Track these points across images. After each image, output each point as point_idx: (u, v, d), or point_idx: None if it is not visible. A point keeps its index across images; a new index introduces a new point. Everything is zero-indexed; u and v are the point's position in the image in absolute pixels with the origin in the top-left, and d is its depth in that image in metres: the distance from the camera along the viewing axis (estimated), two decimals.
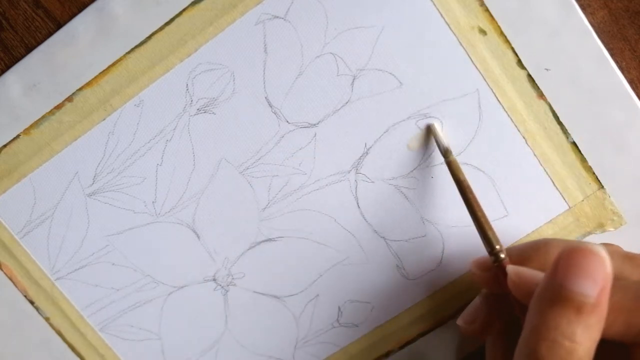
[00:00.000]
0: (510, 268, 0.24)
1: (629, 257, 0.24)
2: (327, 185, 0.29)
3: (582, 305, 0.20)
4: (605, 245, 0.27)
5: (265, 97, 0.29)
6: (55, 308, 0.31)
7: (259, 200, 0.30)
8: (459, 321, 0.27)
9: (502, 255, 0.25)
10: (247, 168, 0.29)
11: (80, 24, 0.28)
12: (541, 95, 0.28)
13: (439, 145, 0.28)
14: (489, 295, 0.27)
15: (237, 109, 0.29)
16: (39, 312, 0.31)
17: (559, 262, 0.21)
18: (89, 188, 0.30)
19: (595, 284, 0.20)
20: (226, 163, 0.29)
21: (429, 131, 0.28)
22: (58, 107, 0.29)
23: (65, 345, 0.32)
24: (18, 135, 0.29)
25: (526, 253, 0.25)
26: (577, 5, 0.27)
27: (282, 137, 0.29)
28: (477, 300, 0.27)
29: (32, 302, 0.31)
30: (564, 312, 0.20)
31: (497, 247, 0.25)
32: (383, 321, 0.31)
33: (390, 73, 0.28)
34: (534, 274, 0.23)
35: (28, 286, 0.31)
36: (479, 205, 0.26)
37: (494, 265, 0.25)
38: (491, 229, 0.26)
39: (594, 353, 0.21)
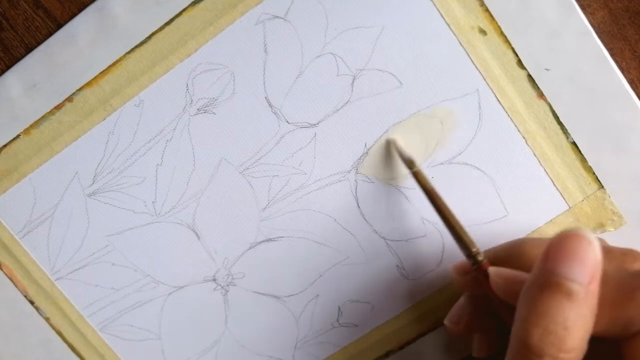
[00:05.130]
0: (492, 270, 0.24)
1: (606, 251, 0.24)
2: (327, 185, 0.29)
3: (573, 292, 0.20)
4: None
5: (265, 97, 0.29)
6: (55, 308, 0.31)
7: (259, 200, 0.30)
8: (446, 321, 0.28)
9: (480, 257, 0.25)
10: (247, 168, 0.29)
11: (80, 24, 0.28)
12: (541, 95, 0.28)
13: (402, 158, 0.28)
14: (473, 295, 0.27)
15: (237, 109, 0.29)
16: (39, 312, 0.31)
17: (549, 249, 0.21)
18: (89, 188, 0.30)
19: (586, 269, 0.20)
20: (226, 163, 0.29)
21: (390, 146, 0.29)
22: (58, 107, 0.29)
23: (65, 345, 0.32)
24: (18, 135, 0.29)
25: (502, 255, 0.25)
26: (577, 5, 0.27)
27: (282, 137, 0.29)
28: (461, 300, 0.27)
29: (32, 302, 0.31)
30: (555, 298, 0.20)
31: (474, 249, 0.25)
32: (383, 321, 0.31)
33: (390, 73, 0.28)
34: (515, 274, 0.23)
35: (28, 286, 0.31)
36: (450, 211, 0.26)
37: (473, 268, 0.25)
38: (465, 233, 0.26)
39: (586, 347, 0.20)
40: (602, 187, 0.28)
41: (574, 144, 0.28)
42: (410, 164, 0.28)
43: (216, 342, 0.31)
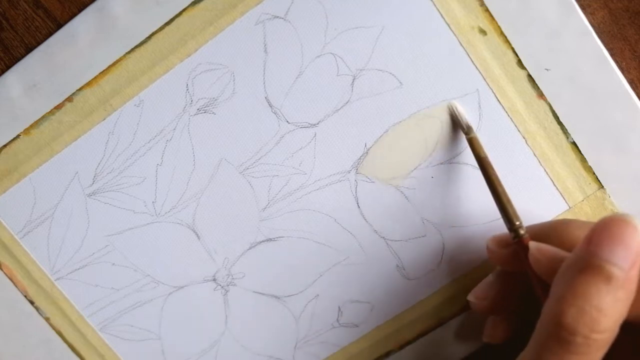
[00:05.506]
0: (533, 244, 0.24)
1: None
2: (327, 185, 0.29)
3: (613, 276, 0.20)
4: None
5: (265, 97, 0.29)
6: (55, 308, 0.31)
7: (259, 200, 0.30)
8: (470, 297, 0.27)
9: (522, 232, 0.25)
10: (247, 168, 0.29)
11: (80, 24, 0.28)
12: (541, 95, 0.28)
13: (460, 123, 0.28)
14: (503, 274, 0.27)
15: (237, 109, 0.29)
16: (39, 312, 0.31)
17: (593, 231, 0.21)
18: (89, 188, 0.30)
19: (629, 255, 0.20)
20: (226, 163, 0.29)
21: (449, 110, 0.28)
22: (58, 107, 0.29)
23: (65, 345, 0.32)
24: (18, 135, 0.29)
25: (545, 232, 0.25)
26: (577, 5, 0.27)
27: (282, 137, 0.29)
28: (490, 278, 0.27)
29: (32, 302, 0.31)
30: (593, 280, 0.20)
31: (517, 222, 0.25)
32: (383, 321, 0.31)
33: (390, 73, 0.28)
34: (556, 251, 0.23)
35: (28, 286, 0.31)
36: (499, 182, 0.26)
37: (513, 241, 0.25)
38: (511, 205, 0.26)
39: (618, 330, 0.20)
40: (602, 187, 0.28)
41: (574, 144, 0.28)
42: (468, 129, 0.28)
43: (216, 342, 0.31)
